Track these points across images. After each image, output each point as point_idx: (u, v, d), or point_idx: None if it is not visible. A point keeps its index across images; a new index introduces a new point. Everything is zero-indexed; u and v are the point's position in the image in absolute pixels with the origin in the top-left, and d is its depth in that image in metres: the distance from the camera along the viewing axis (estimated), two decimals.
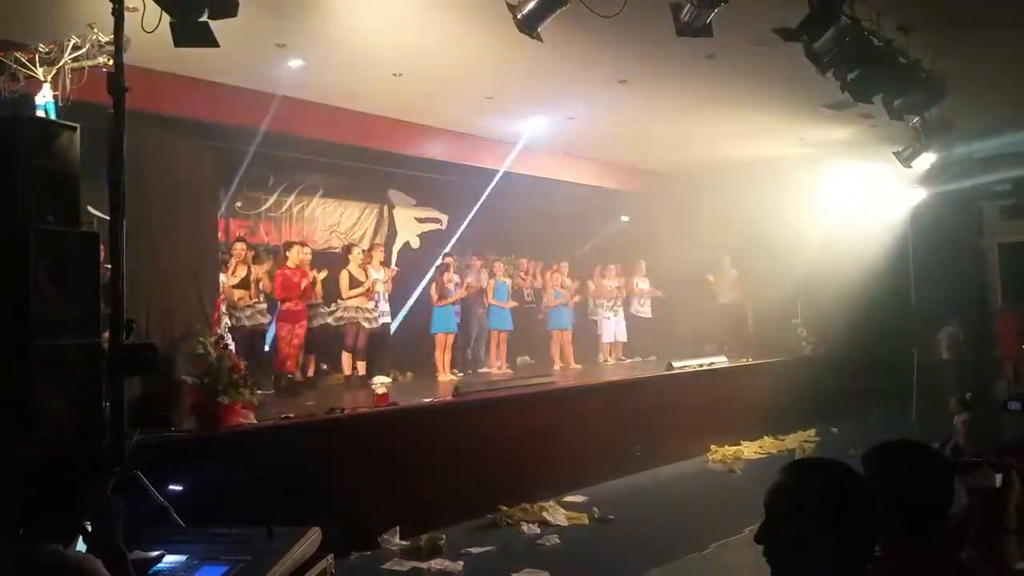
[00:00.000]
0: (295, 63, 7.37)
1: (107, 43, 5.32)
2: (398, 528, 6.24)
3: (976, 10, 6.15)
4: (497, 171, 11.01)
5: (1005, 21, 6.42)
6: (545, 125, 9.89)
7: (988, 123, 9.68)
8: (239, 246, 8.77)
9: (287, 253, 9.10)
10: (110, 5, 4.08)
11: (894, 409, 11.07)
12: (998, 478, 1.91)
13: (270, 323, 8.92)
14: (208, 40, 4.52)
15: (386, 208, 12.13)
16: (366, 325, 9.49)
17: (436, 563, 5.85)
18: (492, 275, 11.07)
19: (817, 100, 8.47)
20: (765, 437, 10.20)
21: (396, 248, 12.11)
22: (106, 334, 4.32)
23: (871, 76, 6.03)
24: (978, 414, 8.43)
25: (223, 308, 7.98)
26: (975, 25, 6.46)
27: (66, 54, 5.44)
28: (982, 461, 1.95)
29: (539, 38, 5.03)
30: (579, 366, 11.47)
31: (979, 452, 2.00)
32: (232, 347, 6.89)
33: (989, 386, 11.11)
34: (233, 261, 8.61)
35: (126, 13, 4.16)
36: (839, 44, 5.58)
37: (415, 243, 12.41)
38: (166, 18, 4.36)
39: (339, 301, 9.49)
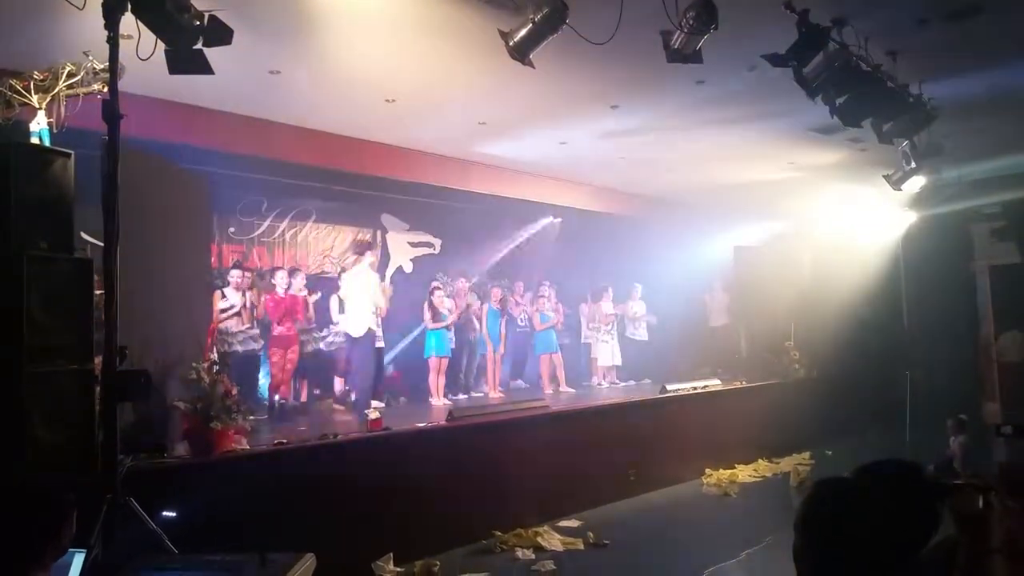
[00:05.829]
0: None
1: (102, 70, 5.35)
2: (392, 554, 6.19)
3: (962, 35, 6.23)
4: (490, 195, 11.02)
5: (991, 46, 6.50)
6: (538, 150, 9.93)
7: (977, 146, 9.76)
8: (235, 272, 8.73)
9: (276, 278, 9.10)
10: (105, 33, 4.11)
11: (888, 431, 11.07)
12: (980, 500, 1.93)
13: (263, 348, 8.88)
14: (203, 67, 4.53)
15: (379, 233, 12.14)
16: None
17: None
18: (486, 300, 11.06)
19: (807, 125, 8.55)
20: (760, 460, 10.20)
21: (389, 272, 12.10)
22: (99, 360, 4.30)
23: (860, 101, 6.07)
24: (971, 436, 8.48)
25: (216, 334, 7.96)
26: (962, 49, 6.54)
27: (61, 81, 5.46)
28: (963, 484, 1.96)
29: (531, 65, 5.07)
30: (572, 390, 11.42)
31: (975, 475, 2.01)
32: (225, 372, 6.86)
33: (979, 408, 11.13)
34: (230, 287, 8.57)
35: (121, 40, 4.18)
36: (828, 69, 5.63)
37: (408, 267, 12.41)
38: (161, 45, 4.38)
39: (330, 326, 9.47)
